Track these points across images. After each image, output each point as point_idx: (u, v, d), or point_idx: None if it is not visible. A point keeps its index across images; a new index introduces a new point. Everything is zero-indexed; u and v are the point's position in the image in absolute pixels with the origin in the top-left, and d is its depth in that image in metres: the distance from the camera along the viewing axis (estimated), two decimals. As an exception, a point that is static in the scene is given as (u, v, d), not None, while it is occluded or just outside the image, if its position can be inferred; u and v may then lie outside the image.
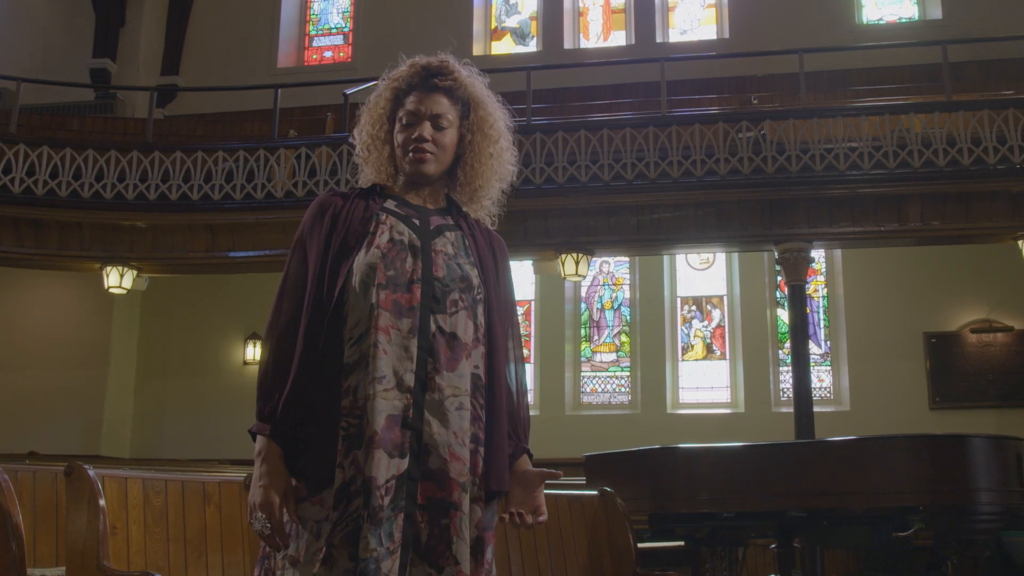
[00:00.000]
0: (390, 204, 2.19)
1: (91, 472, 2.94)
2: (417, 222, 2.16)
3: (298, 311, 2.10)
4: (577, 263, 9.53)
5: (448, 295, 2.08)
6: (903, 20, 12.97)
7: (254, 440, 2.08)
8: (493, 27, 14.24)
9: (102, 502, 2.88)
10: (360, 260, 2.07)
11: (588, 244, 9.59)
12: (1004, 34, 10.55)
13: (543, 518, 2.17)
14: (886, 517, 6.20)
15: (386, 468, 1.95)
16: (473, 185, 2.24)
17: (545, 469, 2.18)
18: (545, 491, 2.23)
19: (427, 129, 2.15)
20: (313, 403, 2.03)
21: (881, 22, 13.03)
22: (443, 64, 2.21)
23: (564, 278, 9.89)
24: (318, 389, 2.03)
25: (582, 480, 6.82)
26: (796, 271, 9.12)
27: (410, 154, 2.17)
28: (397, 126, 2.20)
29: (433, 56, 2.23)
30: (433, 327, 2.05)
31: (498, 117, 2.25)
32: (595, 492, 4.60)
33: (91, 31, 14.09)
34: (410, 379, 2.01)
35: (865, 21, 13.04)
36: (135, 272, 10.39)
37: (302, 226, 2.19)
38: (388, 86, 2.24)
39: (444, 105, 2.18)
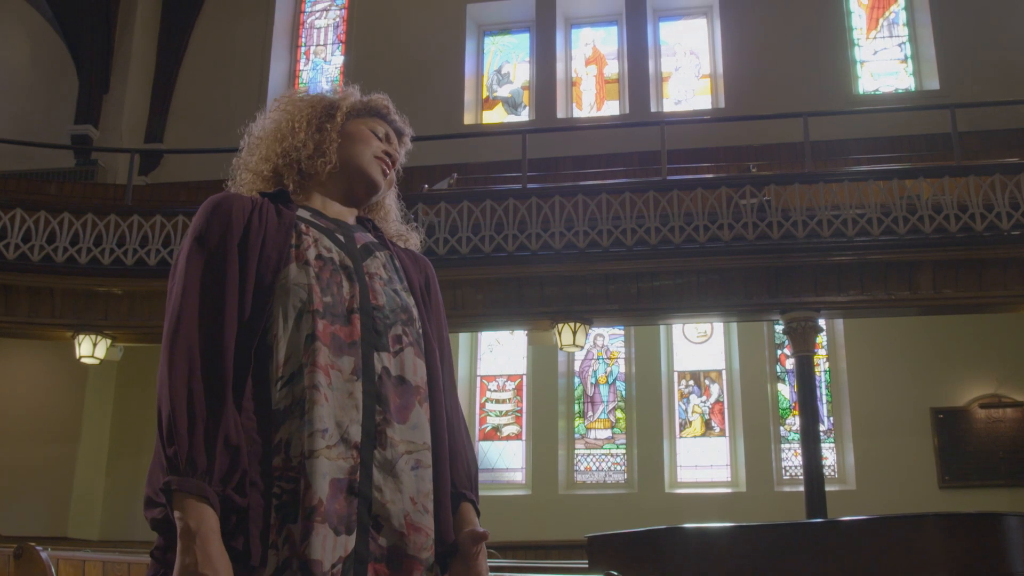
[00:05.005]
0: (304, 213, 1.78)
1: (44, 554, 2.69)
2: (342, 238, 1.77)
3: (210, 313, 1.59)
4: (575, 333, 9.10)
5: (390, 329, 1.68)
6: (899, 91, 12.88)
7: (162, 506, 1.53)
8: (485, 96, 14.08)
9: (55, 588, 2.55)
10: (291, 278, 1.64)
11: (585, 313, 9.17)
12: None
13: None
14: (916, 604, 5.80)
15: (332, 549, 1.50)
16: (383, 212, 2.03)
17: (476, 529, 1.71)
18: None
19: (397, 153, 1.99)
20: (239, 462, 1.53)
21: (878, 92, 12.93)
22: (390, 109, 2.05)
23: (560, 348, 9.47)
24: (244, 444, 1.55)
25: (582, 563, 6.42)
26: (803, 342, 8.72)
27: (379, 161, 1.91)
28: (360, 131, 1.91)
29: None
30: (379, 367, 1.64)
31: None
32: (602, 577, 4.19)
33: (74, 97, 13.85)
34: (356, 432, 1.58)
35: (862, 92, 12.94)
36: (109, 341, 9.91)
37: (196, 227, 1.68)
38: (345, 101, 1.95)
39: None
